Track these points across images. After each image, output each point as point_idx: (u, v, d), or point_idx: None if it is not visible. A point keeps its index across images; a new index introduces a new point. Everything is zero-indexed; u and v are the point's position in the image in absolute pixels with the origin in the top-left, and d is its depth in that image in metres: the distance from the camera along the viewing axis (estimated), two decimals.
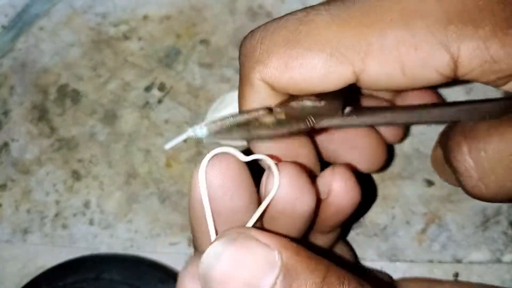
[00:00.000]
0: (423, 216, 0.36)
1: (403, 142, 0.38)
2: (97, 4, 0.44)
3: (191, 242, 0.30)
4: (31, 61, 0.43)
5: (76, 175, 0.40)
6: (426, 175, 0.37)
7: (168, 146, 0.40)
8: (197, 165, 0.21)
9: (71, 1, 0.44)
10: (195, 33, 0.43)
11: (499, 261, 0.35)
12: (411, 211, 0.37)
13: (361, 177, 0.26)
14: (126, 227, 0.38)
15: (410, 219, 0.37)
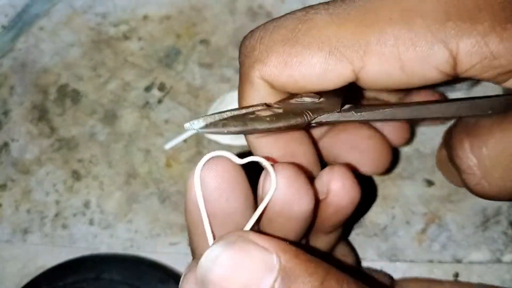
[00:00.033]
0: (423, 216, 0.36)
1: None
2: (97, 4, 0.44)
3: None
4: (31, 61, 0.43)
5: (76, 175, 0.40)
6: (426, 175, 0.37)
7: (168, 146, 0.40)
8: (193, 168, 0.21)
9: (71, 1, 0.44)
10: (195, 33, 0.43)
11: (499, 261, 0.35)
12: (411, 211, 0.37)
13: (361, 177, 0.25)
14: (126, 227, 0.38)
15: (410, 219, 0.36)
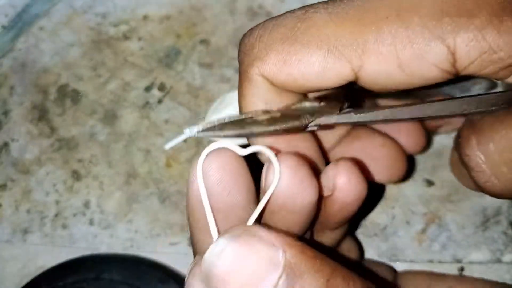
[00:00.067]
0: (423, 216, 0.36)
1: None
2: (97, 4, 0.44)
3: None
4: (31, 61, 0.43)
5: (76, 175, 0.40)
6: (426, 175, 0.37)
7: (168, 146, 0.40)
8: (194, 161, 0.21)
9: (71, 1, 0.44)
10: (195, 33, 0.43)
11: (499, 261, 0.35)
12: (411, 211, 0.37)
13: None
14: (126, 227, 0.38)
15: (410, 219, 0.36)
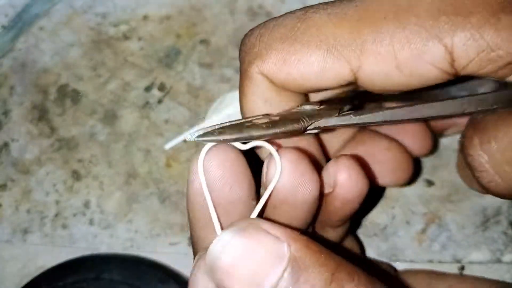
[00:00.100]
0: (423, 216, 0.36)
1: None
2: (97, 4, 0.44)
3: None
4: (31, 61, 0.43)
5: (76, 175, 0.40)
6: (426, 175, 0.37)
7: (168, 146, 0.40)
8: (194, 157, 0.21)
9: (71, 1, 0.44)
10: (195, 33, 0.43)
11: (499, 261, 0.35)
12: (411, 211, 0.37)
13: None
14: (126, 227, 0.38)
15: (410, 219, 0.36)
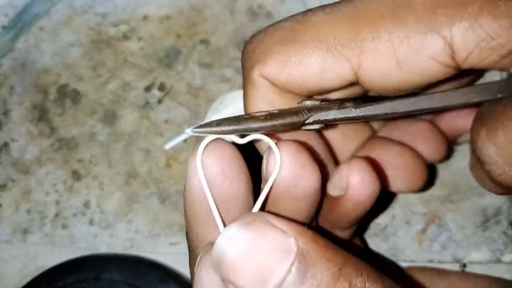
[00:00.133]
0: (423, 216, 0.36)
1: None
2: (97, 4, 0.44)
3: None
4: (31, 61, 0.43)
5: (76, 175, 0.40)
6: None
7: (168, 146, 0.40)
8: (191, 155, 0.21)
9: (71, 1, 0.44)
10: (195, 33, 0.43)
11: (499, 261, 0.35)
12: (411, 211, 0.37)
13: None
14: (126, 227, 0.38)
15: (410, 219, 0.36)
